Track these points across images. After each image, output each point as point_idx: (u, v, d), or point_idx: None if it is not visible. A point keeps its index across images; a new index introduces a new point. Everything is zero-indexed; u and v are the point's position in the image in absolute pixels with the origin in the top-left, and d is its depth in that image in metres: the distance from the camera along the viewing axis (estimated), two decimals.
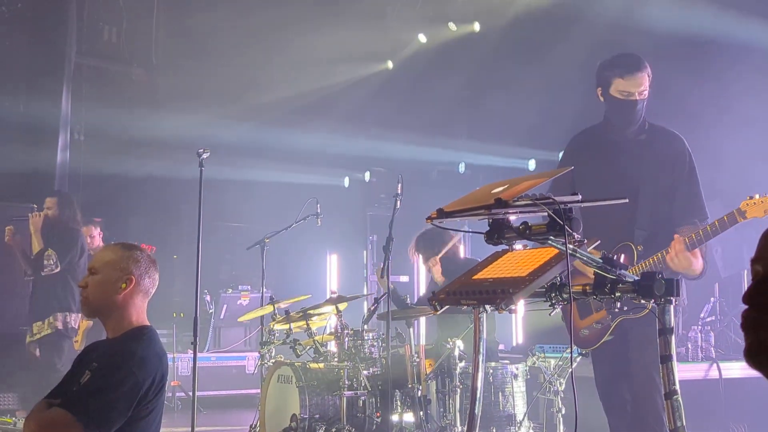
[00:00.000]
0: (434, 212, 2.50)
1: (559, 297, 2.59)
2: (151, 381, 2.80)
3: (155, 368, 2.83)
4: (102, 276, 2.93)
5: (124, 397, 2.72)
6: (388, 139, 9.81)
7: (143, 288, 2.97)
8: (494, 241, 2.49)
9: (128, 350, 2.83)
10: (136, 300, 2.96)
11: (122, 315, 2.93)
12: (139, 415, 2.79)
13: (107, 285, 2.91)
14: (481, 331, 2.83)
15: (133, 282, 2.93)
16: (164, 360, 2.92)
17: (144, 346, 2.86)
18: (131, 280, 2.93)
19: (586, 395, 4.34)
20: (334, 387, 5.25)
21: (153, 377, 2.81)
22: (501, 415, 5.19)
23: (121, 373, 2.75)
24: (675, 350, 2.48)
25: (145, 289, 2.98)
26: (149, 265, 3.01)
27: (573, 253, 2.42)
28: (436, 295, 2.79)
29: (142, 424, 2.81)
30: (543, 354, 5.14)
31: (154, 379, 2.81)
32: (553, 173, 2.42)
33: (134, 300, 2.95)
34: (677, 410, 2.43)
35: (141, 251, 3.02)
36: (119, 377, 2.74)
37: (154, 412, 2.85)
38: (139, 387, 2.75)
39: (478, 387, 2.81)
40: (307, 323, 5.80)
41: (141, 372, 2.77)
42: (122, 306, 2.92)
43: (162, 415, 2.95)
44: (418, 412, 5.08)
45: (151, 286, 3.01)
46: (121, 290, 2.91)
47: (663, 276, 2.47)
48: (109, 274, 2.92)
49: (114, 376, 2.75)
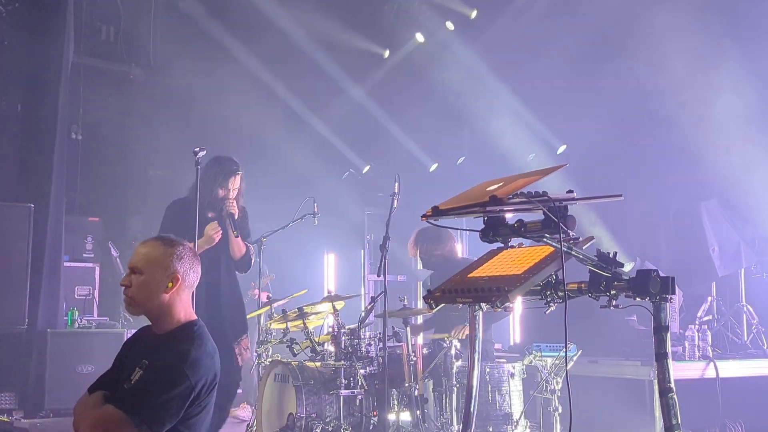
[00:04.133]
0: (429, 210, 2.50)
1: (554, 295, 2.60)
2: (204, 381, 2.78)
3: (208, 369, 2.81)
4: (147, 276, 2.86)
5: (178, 398, 2.71)
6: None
7: (189, 284, 2.93)
8: (489, 239, 2.50)
9: (181, 351, 2.79)
10: (183, 296, 2.91)
11: (171, 313, 2.89)
12: (191, 414, 2.78)
13: (153, 285, 2.85)
14: (477, 330, 2.84)
15: (180, 280, 2.88)
16: (216, 358, 2.89)
17: (196, 345, 2.82)
18: (177, 279, 2.87)
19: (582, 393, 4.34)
20: (331, 386, 5.25)
21: (206, 377, 2.79)
22: (498, 414, 5.20)
23: (175, 375, 2.72)
24: (670, 348, 2.48)
25: (191, 284, 2.95)
26: (193, 260, 2.96)
27: (568, 250, 2.42)
28: (431, 293, 2.80)
29: (194, 421, 2.81)
30: (540, 353, 5.14)
31: (207, 379, 2.80)
32: (548, 171, 2.42)
33: (181, 296, 2.90)
34: (672, 408, 2.43)
35: (183, 246, 2.96)
36: (173, 379, 2.71)
37: (206, 410, 2.84)
38: (192, 389, 2.73)
39: (474, 386, 2.82)
40: (303, 322, 5.80)
41: (195, 375, 2.75)
42: (170, 304, 2.88)
43: (213, 409, 2.93)
44: (414, 411, 5.08)
45: (195, 280, 2.97)
46: (168, 289, 2.86)
47: (658, 274, 2.47)
48: (155, 274, 2.86)
49: (168, 377, 2.73)
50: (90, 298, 8.42)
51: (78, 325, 7.78)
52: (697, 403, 5.63)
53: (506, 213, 2.46)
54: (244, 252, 5.26)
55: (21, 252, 7.35)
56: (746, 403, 6.02)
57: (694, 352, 6.06)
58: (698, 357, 6.05)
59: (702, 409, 5.77)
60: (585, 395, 5.51)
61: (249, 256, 5.32)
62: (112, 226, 9.22)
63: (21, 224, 7.38)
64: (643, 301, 2.50)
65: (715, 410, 5.80)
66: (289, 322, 5.88)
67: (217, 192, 5.13)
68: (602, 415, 5.82)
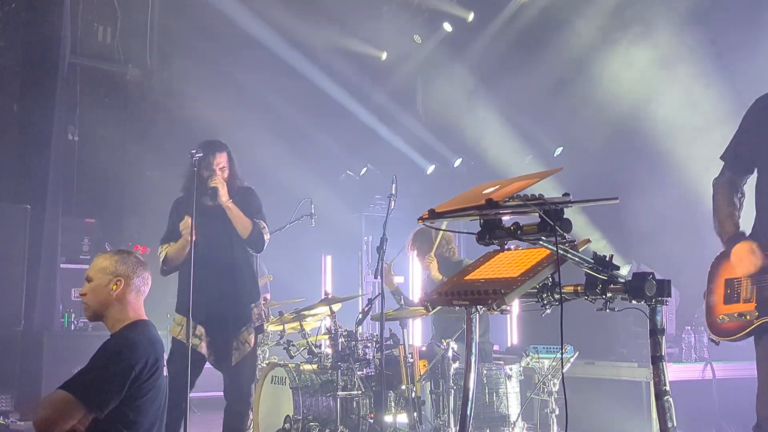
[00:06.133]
0: (426, 213, 2.50)
1: (550, 297, 2.60)
2: (144, 362, 3.05)
3: (147, 351, 3.09)
4: (95, 282, 3.23)
5: (117, 376, 2.98)
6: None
7: (134, 287, 3.26)
8: (485, 242, 2.50)
9: (121, 336, 3.17)
10: (129, 298, 3.24)
11: (119, 313, 3.22)
12: (135, 396, 3.03)
13: (100, 289, 3.22)
14: (473, 332, 2.83)
15: (123, 283, 3.23)
16: (158, 346, 3.19)
17: (137, 332, 3.17)
18: (120, 282, 3.22)
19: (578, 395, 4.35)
20: (328, 388, 5.25)
21: (146, 359, 3.06)
22: (495, 415, 5.20)
23: (114, 355, 3.04)
24: (666, 350, 2.49)
25: (137, 288, 3.27)
26: (137, 266, 3.29)
27: (564, 253, 2.42)
28: (428, 295, 2.80)
29: (140, 404, 3.05)
30: (537, 354, 5.14)
31: (147, 361, 3.07)
32: (545, 174, 2.42)
33: (127, 298, 3.23)
34: (668, 411, 2.43)
35: (129, 254, 3.32)
36: (112, 358, 3.03)
37: (152, 393, 3.09)
38: (131, 367, 3.01)
39: (470, 387, 2.81)
40: (300, 324, 5.79)
41: (133, 354, 3.05)
42: (117, 306, 3.22)
43: (164, 399, 3.21)
44: (411, 412, 5.08)
45: (142, 284, 3.30)
46: (112, 292, 3.21)
47: (654, 276, 2.47)
48: (101, 279, 3.23)
49: (107, 357, 3.04)
50: None
51: (74, 326, 7.78)
52: (693, 404, 5.64)
53: (502, 216, 2.46)
54: (251, 229, 4.95)
55: (17, 253, 7.34)
56: (742, 404, 6.01)
57: (691, 354, 6.07)
58: (695, 358, 6.06)
59: (698, 410, 5.77)
60: (582, 397, 5.54)
61: (258, 233, 4.97)
62: (108, 228, 9.18)
63: (17, 225, 7.37)
64: (639, 303, 2.51)
65: (711, 411, 5.81)
66: (286, 324, 5.89)
67: (203, 175, 4.94)
68: (599, 416, 5.83)
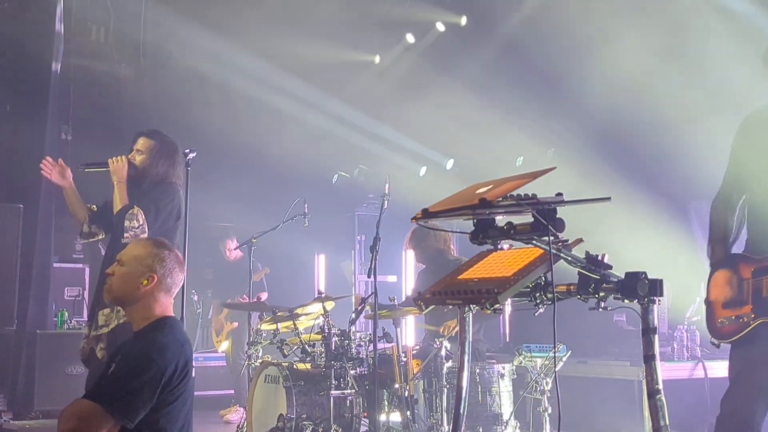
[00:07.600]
0: (419, 212, 2.51)
1: (543, 296, 2.61)
2: (174, 367, 2.85)
3: (177, 354, 2.88)
4: (127, 268, 3.02)
5: (148, 384, 2.77)
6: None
7: (164, 287, 3.05)
8: (479, 241, 2.51)
9: (149, 339, 2.91)
10: (158, 296, 3.03)
11: (144, 308, 3.01)
12: (165, 401, 2.84)
13: (130, 278, 3.01)
14: (467, 331, 2.85)
15: (155, 280, 3.01)
16: (187, 347, 2.98)
17: (164, 333, 2.93)
18: (153, 278, 3.01)
19: (571, 394, 4.37)
20: (321, 387, 5.25)
21: (176, 363, 2.86)
22: (487, 414, 5.21)
23: (143, 361, 2.81)
24: (659, 349, 2.50)
25: (167, 288, 3.07)
26: (174, 266, 3.09)
27: (557, 252, 2.44)
28: (421, 294, 2.81)
29: (170, 409, 2.86)
30: (529, 353, 5.15)
31: (178, 365, 2.87)
32: (537, 174, 2.43)
33: (156, 296, 3.02)
34: (660, 410, 2.45)
35: (170, 250, 3.11)
36: (141, 365, 2.80)
37: (182, 398, 2.90)
38: (162, 373, 2.80)
39: (463, 386, 2.82)
40: (294, 323, 5.80)
41: (162, 359, 2.82)
42: (143, 300, 3.00)
43: (192, 402, 3.01)
44: (405, 411, 5.09)
45: (173, 285, 3.09)
46: (142, 286, 3.00)
47: (646, 276, 2.48)
48: (134, 268, 3.02)
49: (136, 363, 2.82)
50: (80, 299, 8.40)
51: (67, 326, 7.77)
52: (685, 403, 5.67)
53: (496, 215, 2.48)
54: (120, 207, 4.77)
55: (10, 252, 7.34)
56: None
57: (683, 353, 6.10)
58: (687, 357, 6.09)
59: (691, 408, 5.80)
60: (574, 396, 5.56)
61: (122, 213, 4.70)
62: None
63: (10, 225, 7.36)
64: (631, 302, 2.52)
65: (703, 410, 5.83)
66: (279, 323, 5.89)
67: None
68: (591, 415, 5.86)
